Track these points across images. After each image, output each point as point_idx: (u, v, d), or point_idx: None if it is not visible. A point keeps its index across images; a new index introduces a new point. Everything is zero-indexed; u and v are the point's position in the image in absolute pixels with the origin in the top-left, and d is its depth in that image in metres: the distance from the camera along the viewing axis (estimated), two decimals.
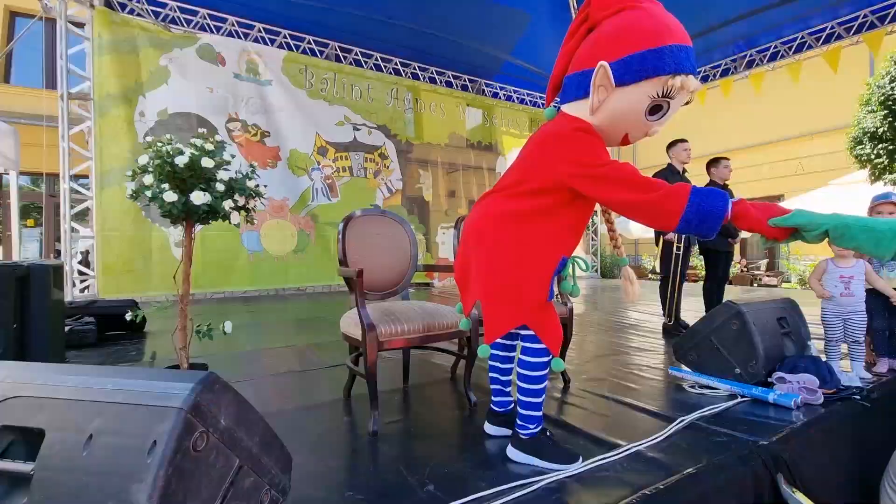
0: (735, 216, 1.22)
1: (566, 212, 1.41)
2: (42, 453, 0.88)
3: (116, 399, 0.91)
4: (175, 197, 1.88)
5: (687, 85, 1.24)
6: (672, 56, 1.21)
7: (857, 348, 2.45)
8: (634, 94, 1.26)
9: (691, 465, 1.45)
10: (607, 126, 1.34)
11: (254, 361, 3.01)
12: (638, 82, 1.23)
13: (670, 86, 1.22)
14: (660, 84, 1.23)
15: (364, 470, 1.51)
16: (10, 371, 1.02)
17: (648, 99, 1.25)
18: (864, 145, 7.00)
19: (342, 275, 2.03)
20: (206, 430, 0.91)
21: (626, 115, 1.31)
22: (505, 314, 1.43)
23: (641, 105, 1.27)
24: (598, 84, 1.28)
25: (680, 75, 1.22)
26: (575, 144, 1.31)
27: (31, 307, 2.26)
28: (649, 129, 1.35)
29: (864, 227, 1.14)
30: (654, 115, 1.29)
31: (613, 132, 1.36)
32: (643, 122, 1.31)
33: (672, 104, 1.29)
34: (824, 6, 6.41)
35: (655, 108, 1.28)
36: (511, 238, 1.41)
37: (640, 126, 1.33)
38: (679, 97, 1.27)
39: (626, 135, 1.38)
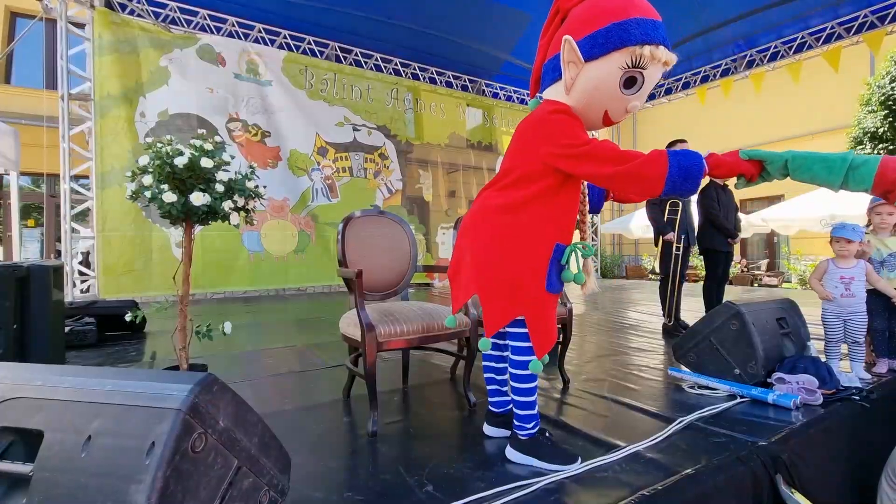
0: (712, 167, 1.34)
1: (556, 198, 1.41)
2: (41, 454, 0.88)
3: (115, 400, 0.91)
4: (174, 198, 1.89)
5: (657, 55, 1.25)
6: (638, 27, 1.23)
7: (857, 349, 2.45)
8: (605, 67, 1.27)
9: (690, 465, 1.46)
10: (585, 103, 1.35)
11: (253, 362, 3.01)
12: (606, 55, 1.26)
13: (639, 55, 1.24)
14: (628, 54, 1.24)
15: (363, 470, 1.51)
16: (8, 372, 1.02)
17: (620, 70, 1.27)
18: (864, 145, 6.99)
19: (342, 275, 2.03)
20: (205, 432, 0.91)
21: (600, 89, 1.32)
22: (502, 306, 1.43)
23: (613, 77, 1.28)
24: (567, 60, 1.31)
25: (648, 45, 1.24)
26: (553, 126, 1.33)
27: (31, 308, 2.26)
28: (627, 103, 1.35)
29: (819, 158, 1.23)
30: (629, 88, 1.31)
31: (592, 110, 1.37)
32: (619, 96, 1.32)
33: (646, 75, 1.30)
34: (824, 6, 6.40)
35: (630, 81, 1.29)
36: (504, 229, 1.42)
37: (617, 100, 1.33)
38: (652, 68, 1.28)
39: (607, 114, 1.37)
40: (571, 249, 1.42)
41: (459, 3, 6.31)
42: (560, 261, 1.42)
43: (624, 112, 1.37)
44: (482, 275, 1.44)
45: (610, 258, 14.46)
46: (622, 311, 5.35)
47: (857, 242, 2.40)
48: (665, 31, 1.29)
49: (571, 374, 2.52)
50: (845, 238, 2.43)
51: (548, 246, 1.41)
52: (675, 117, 13.30)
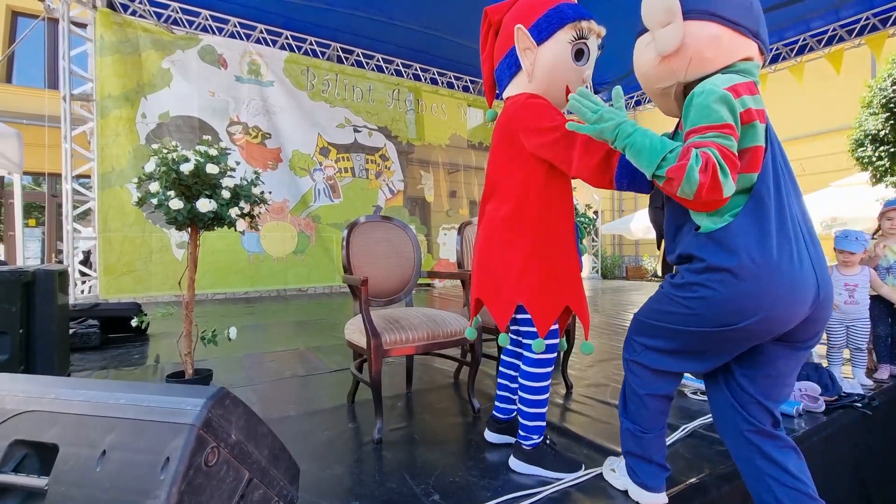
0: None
1: (549, 190, 1.46)
2: (56, 468, 0.89)
3: (129, 414, 0.92)
4: (181, 204, 1.89)
5: (592, 27, 1.44)
6: (569, 8, 1.43)
7: (860, 355, 2.46)
8: (556, 45, 1.43)
9: (694, 475, 1.47)
10: (547, 82, 1.46)
11: (256, 365, 3.02)
12: (553, 35, 1.42)
13: (580, 27, 1.41)
14: (571, 30, 1.41)
15: (369, 478, 1.52)
16: (22, 385, 1.03)
17: (569, 45, 1.42)
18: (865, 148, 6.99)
19: (347, 282, 2.04)
20: (218, 446, 0.92)
21: (557, 65, 1.44)
22: (502, 300, 1.48)
23: (566, 52, 1.43)
24: (523, 48, 1.45)
25: (583, 20, 1.42)
26: (526, 111, 1.42)
27: (36, 313, 2.27)
28: (582, 73, 1.47)
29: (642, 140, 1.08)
30: (580, 59, 1.45)
31: (555, 87, 1.47)
32: (575, 68, 1.45)
33: (589, 45, 1.45)
34: (825, 8, 6.41)
35: (579, 53, 1.44)
36: (502, 236, 1.50)
37: (574, 72, 1.46)
38: (591, 38, 1.45)
39: (568, 89, 1.46)
40: (577, 222, 1.54)
41: (461, 4, 6.32)
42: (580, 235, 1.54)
43: (581, 82, 1.48)
44: (480, 279, 1.55)
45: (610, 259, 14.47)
46: (623, 313, 5.36)
47: (860, 253, 2.41)
48: (590, 13, 1.46)
49: (574, 380, 2.53)
50: (848, 251, 2.44)
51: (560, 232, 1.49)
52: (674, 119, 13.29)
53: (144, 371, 2.90)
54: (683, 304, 1.18)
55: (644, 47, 1.24)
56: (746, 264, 1.06)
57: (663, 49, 1.17)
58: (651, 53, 1.21)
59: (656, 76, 1.24)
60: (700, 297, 1.13)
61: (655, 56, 1.20)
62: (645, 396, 1.30)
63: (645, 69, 1.26)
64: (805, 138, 11.37)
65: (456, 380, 2.60)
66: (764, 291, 1.07)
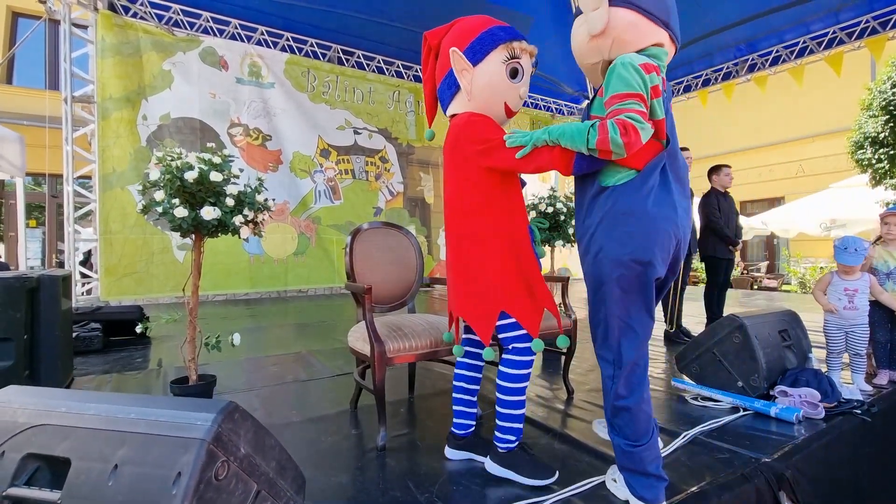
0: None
1: (505, 196, 1.54)
2: (69, 482, 0.90)
3: (140, 429, 0.93)
4: (185, 213, 1.90)
5: (524, 46, 1.52)
6: (500, 31, 1.51)
7: (859, 360, 2.48)
8: (491, 65, 1.50)
9: (695, 483, 1.48)
10: (485, 100, 1.54)
11: (259, 370, 3.03)
12: (487, 55, 1.50)
13: (512, 48, 1.50)
14: (503, 50, 1.50)
15: (373, 486, 1.54)
16: (33, 398, 1.04)
17: (503, 64, 1.50)
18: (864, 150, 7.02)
19: (350, 289, 2.06)
20: (227, 460, 0.93)
21: (494, 84, 1.52)
22: (483, 312, 1.51)
23: (500, 71, 1.51)
24: (461, 69, 1.52)
25: (514, 41, 1.50)
26: (470, 129, 1.50)
27: (40, 318, 2.28)
28: (518, 90, 1.55)
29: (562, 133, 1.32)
30: (515, 77, 1.53)
31: (494, 104, 1.55)
32: (511, 85, 1.53)
33: (523, 65, 1.53)
34: (825, 11, 6.42)
35: (513, 72, 1.52)
36: (476, 260, 1.54)
37: (511, 89, 1.54)
38: (525, 57, 1.53)
39: (507, 105, 1.56)
40: (533, 226, 1.59)
41: (462, 5, 6.30)
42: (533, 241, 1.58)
43: (518, 99, 1.57)
44: (457, 296, 1.59)
45: None
46: None
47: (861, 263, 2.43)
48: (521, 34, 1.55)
49: (575, 384, 2.54)
50: (848, 265, 2.45)
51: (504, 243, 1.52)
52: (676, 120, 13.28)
53: (147, 375, 2.91)
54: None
55: (578, 27, 1.46)
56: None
57: (593, 29, 1.38)
58: (584, 32, 1.43)
59: (587, 52, 1.46)
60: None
61: (586, 34, 1.42)
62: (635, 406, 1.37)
63: (578, 46, 1.48)
64: (804, 140, 11.40)
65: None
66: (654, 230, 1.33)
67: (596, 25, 1.37)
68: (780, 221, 8.90)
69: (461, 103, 1.57)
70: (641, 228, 1.31)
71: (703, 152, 11.11)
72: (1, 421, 1.00)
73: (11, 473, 0.94)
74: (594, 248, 1.38)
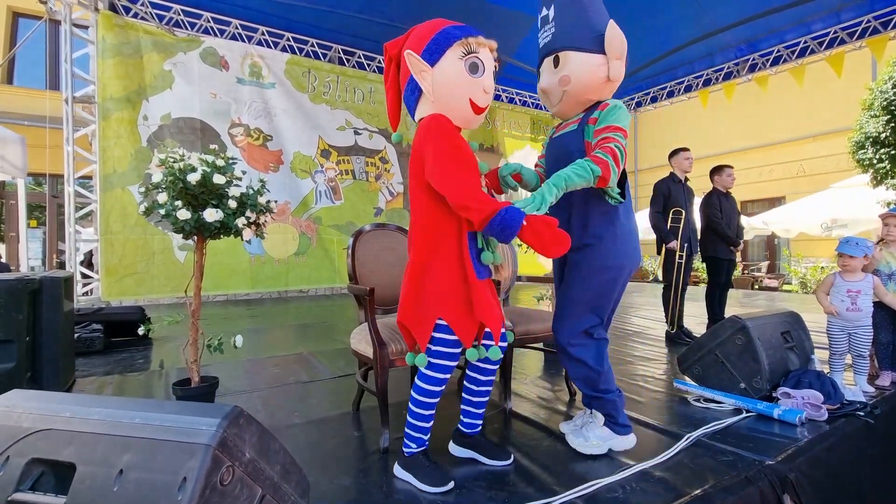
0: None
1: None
2: (74, 487, 0.90)
3: (145, 434, 0.93)
4: (188, 215, 1.90)
5: (480, 41, 1.50)
6: (454, 29, 1.50)
7: (861, 362, 2.48)
8: (448, 63, 1.49)
9: (699, 486, 1.48)
10: (448, 98, 1.52)
11: (260, 371, 3.03)
12: (444, 53, 1.48)
13: (468, 43, 1.48)
14: (459, 47, 1.48)
15: (377, 489, 1.53)
16: (38, 402, 1.04)
17: (460, 60, 1.49)
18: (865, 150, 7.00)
19: (352, 292, 2.05)
20: (233, 465, 0.93)
21: (455, 82, 1.50)
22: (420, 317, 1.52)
23: (459, 67, 1.49)
24: (419, 70, 1.51)
25: (468, 37, 1.49)
26: (425, 132, 1.48)
27: (42, 320, 2.28)
28: (482, 85, 1.52)
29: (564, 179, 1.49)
30: (475, 72, 1.50)
31: (458, 102, 1.52)
32: (472, 81, 1.51)
33: (483, 59, 1.51)
34: (826, 11, 6.42)
35: (473, 67, 1.50)
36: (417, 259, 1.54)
37: (473, 84, 1.51)
38: (483, 51, 1.51)
39: (472, 102, 1.52)
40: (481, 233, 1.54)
41: (462, 6, 6.31)
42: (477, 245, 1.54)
43: (483, 93, 1.53)
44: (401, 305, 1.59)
45: None
46: (624, 316, 5.37)
47: (860, 258, 2.42)
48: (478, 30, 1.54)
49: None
50: (847, 254, 2.45)
51: (460, 243, 1.51)
52: (676, 120, 13.31)
53: (149, 377, 2.91)
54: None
55: (596, 67, 1.65)
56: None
57: (616, 76, 1.65)
58: (603, 74, 1.65)
59: (596, 90, 1.69)
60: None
61: (605, 77, 1.65)
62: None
63: (593, 83, 1.67)
64: (805, 139, 11.39)
65: (459, 386, 2.60)
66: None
67: (620, 74, 1.65)
68: (780, 221, 8.89)
69: (426, 106, 1.54)
70: (635, 240, 1.79)
71: (703, 152, 11.11)
72: (5, 425, 1.00)
73: (16, 478, 0.94)
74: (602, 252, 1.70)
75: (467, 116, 1.55)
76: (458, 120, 1.54)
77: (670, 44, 7.24)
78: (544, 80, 1.78)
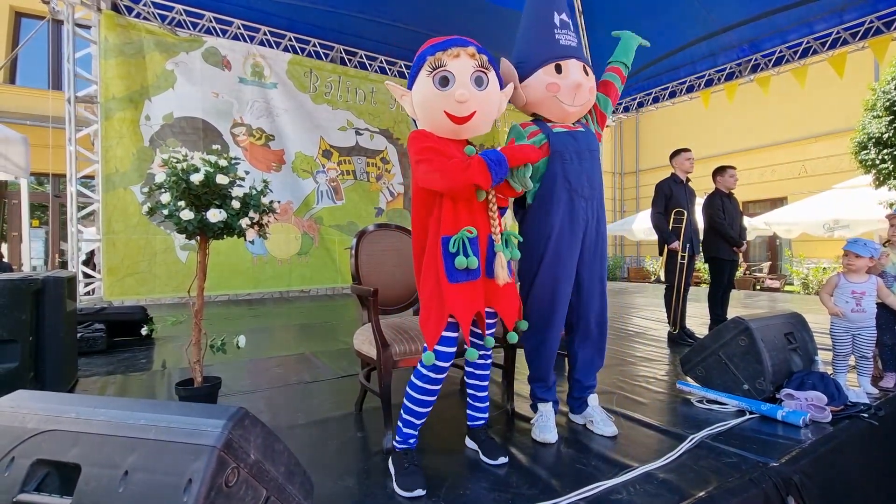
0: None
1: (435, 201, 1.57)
2: (79, 488, 0.90)
3: (150, 435, 0.93)
4: (191, 215, 1.90)
5: (449, 52, 1.52)
6: (429, 49, 1.55)
7: (865, 363, 2.47)
8: (420, 82, 1.56)
9: (703, 488, 1.48)
10: (426, 117, 1.60)
11: (263, 371, 3.03)
12: (417, 74, 1.57)
13: (435, 59, 1.52)
14: (427, 66, 1.53)
15: (380, 490, 1.53)
16: (43, 403, 1.04)
17: (429, 77, 1.53)
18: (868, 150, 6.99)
19: (356, 292, 2.05)
20: (238, 466, 0.93)
21: (425, 99, 1.56)
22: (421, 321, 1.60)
23: (427, 84, 1.53)
24: (400, 96, 1.64)
25: (438, 52, 1.52)
26: (409, 144, 1.62)
27: (45, 320, 2.28)
28: (453, 96, 1.52)
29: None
30: (445, 85, 1.52)
31: (435, 117, 1.58)
32: (441, 94, 1.52)
33: (452, 69, 1.52)
34: (829, 11, 6.40)
35: (443, 81, 1.52)
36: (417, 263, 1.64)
37: (443, 98, 1.53)
38: (452, 62, 1.52)
39: (447, 113, 1.55)
40: (458, 238, 1.52)
41: (464, 6, 6.31)
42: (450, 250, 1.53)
43: (457, 104, 1.52)
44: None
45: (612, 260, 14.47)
46: (626, 316, 5.37)
47: (866, 258, 2.42)
48: (458, 40, 1.56)
49: None
50: (854, 252, 2.44)
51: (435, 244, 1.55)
52: (677, 120, 13.30)
53: (152, 377, 2.91)
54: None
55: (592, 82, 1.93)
56: None
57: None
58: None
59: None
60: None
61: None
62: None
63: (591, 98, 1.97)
64: (808, 140, 11.37)
65: (462, 387, 2.60)
66: None
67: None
68: (782, 222, 8.88)
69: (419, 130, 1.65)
70: None
71: (705, 153, 11.09)
72: (10, 426, 1.00)
73: (21, 479, 0.94)
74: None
75: (450, 128, 1.58)
76: (441, 132, 1.59)
77: (673, 44, 7.23)
78: (582, 79, 1.87)
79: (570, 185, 1.88)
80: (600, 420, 1.97)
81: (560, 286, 1.89)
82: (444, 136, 1.59)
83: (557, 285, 1.89)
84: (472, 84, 1.52)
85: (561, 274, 1.89)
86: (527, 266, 1.94)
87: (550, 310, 1.89)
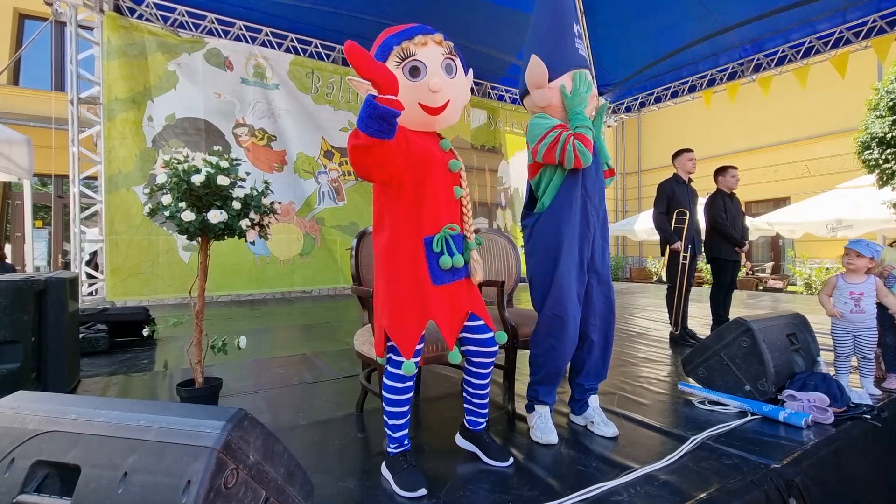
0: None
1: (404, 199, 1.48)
2: (79, 489, 0.90)
3: (149, 436, 0.93)
4: (193, 216, 1.90)
5: (415, 41, 1.45)
6: (392, 37, 1.46)
7: (867, 364, 2.46)
8: None
9: (704, 489, 1.47)
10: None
11: (264, 372, 3.04)
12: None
13: (402, 49, 1.44)
14: (394, 56, 1.44)
15: (381, 491, 1.53)
16: (43, 404, 1.04)
17: (398, 68, 1.44)
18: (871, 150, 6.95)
19: (356, 293, 2.05)
20: (237, 467, 0.93)
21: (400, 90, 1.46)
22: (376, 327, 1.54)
23: (399, 75, 1.43)
24: (365, 91, 1.46)
25: (404, 41, 1.44)
26: None
27: (48, 321, 2.29)
28: (426, 86, 1.46)
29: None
30: (416, 76, 1.45)
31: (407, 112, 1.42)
32: (413, 85, 1.45)
33: (422, 59, 1.45)
34: (832, 11, 6.38)
35: (413, 71, 1.45)
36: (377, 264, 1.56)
37: (414, 88, 1.45)
38: (421, 51, 1.45)
39: (421, 105, 1.48)
40: (440, 237, 1.49)
41: (466, 6, 6.32)
42: (434, 250, 1.49)
43: (430, 93, 1.46)
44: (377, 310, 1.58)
45: (614, 260, 14.44)
46: (628, 317, 5.35)
47: (867, 259, 2.41)
48: (420, 28, 1.48)
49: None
50: (855, 251, 2.43)
51: (415, 245, 1.48)
52: (680, 120, 13.27)
53: (153, 377, 2.91)
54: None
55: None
56: None
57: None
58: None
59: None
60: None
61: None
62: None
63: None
64: (810, 140, 11.33)
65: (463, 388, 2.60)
66: None
67: None
68: (785, 222, 8.85)
69: None
70: None
71: (707, 153, 11.07)
72: (10, 427, 1.00)
73: (21, 480, 0.94)
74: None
75: (422, 120, 1.51)
76: (414, 125, 1.50)
77: (675, 44, 7.21)
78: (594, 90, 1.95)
79: (587, 192, 1.90)
80: (601, 421, 1.97)
81: (575, 289, 1.89)
82: (416, 130, 1.51)
83: (572, 288, 1.88)
84: (443, 72, 1.47)
85: (576, 277, 1.90)
86: (542, 271, 1.91)
87: (565, 313, 1.87)
